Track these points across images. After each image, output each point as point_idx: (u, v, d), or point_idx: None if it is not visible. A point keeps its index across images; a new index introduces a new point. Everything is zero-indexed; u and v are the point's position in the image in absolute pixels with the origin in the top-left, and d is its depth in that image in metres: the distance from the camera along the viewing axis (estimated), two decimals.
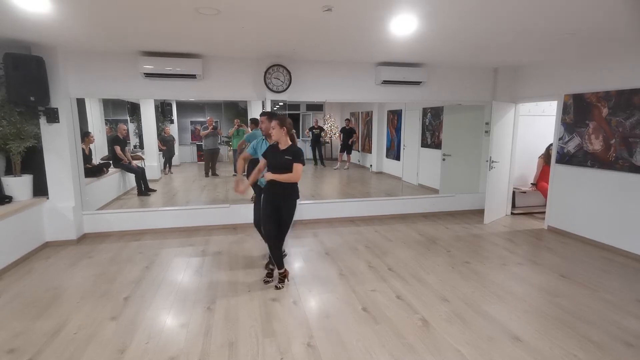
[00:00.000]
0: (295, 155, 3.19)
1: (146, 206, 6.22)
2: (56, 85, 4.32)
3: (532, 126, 6.24)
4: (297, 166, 3.16)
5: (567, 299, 3.22)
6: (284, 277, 3.47)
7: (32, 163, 4.39)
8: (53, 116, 4.33)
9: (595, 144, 4.61)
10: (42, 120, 4.32)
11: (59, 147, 4.44)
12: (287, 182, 3.20)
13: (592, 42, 3.91)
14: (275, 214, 3.28)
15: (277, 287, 3.38)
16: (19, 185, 4.23)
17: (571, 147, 4.93)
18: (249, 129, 5.27)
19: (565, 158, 5.02)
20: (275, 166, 3.21)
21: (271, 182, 3.23)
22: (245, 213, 5.35)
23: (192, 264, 3.97)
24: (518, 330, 2.72)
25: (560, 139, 5.09)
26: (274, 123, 3.21)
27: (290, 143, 3.27)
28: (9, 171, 4.33)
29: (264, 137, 3.70)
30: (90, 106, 6.61)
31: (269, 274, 3.56)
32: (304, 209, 5.38)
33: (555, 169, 5.18)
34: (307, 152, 9.53)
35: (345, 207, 5.74)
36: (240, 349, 2.50)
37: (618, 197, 4.38)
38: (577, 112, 4.83)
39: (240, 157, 3.65)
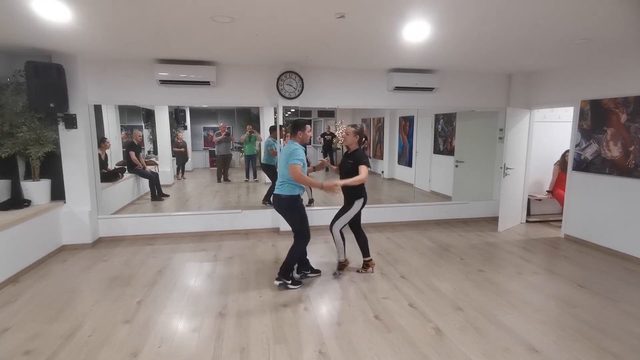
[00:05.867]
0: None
1: (159, 211, 6.30)
2: (75, 92, 4.43)
3: (548, 132, 6.13)
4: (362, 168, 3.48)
5: (585, 309, 3.13)
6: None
7: (50, 168, 4.49)
8: (71, 122, 4.44)
9: (614, 151, 4.51)
10: (61, 126, 4.43)
11: (76, 152, 4.54)
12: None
13: (607, 47, 3.84)
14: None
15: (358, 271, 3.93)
16: (38, 190, 4.33)
17: (588, 153, 4.83)
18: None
19: (582, 165, 4.92)
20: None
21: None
22: (257, 219, 5.38)
23: (204, 268, 4.00)
24: (535, 341, 2.65)
25: (577, 146, 4.99)
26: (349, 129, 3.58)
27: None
28: (28, 176, 4.44)
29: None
30: (106, 112, 6.77)
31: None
32: (315, 215, 5.37)
33: (573, 176, 5.08)
34: (319, 158, 9.52)
35: None
36: (251, 354, 2.50)
37: (638, 205, 4.26)
38: (595, 118, 4.74)
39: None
